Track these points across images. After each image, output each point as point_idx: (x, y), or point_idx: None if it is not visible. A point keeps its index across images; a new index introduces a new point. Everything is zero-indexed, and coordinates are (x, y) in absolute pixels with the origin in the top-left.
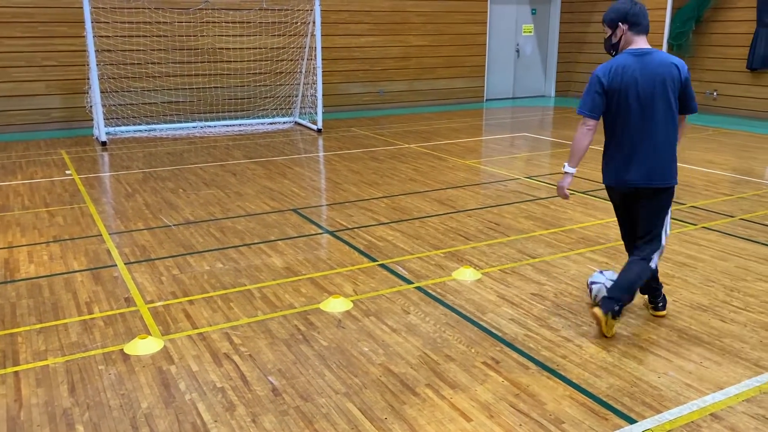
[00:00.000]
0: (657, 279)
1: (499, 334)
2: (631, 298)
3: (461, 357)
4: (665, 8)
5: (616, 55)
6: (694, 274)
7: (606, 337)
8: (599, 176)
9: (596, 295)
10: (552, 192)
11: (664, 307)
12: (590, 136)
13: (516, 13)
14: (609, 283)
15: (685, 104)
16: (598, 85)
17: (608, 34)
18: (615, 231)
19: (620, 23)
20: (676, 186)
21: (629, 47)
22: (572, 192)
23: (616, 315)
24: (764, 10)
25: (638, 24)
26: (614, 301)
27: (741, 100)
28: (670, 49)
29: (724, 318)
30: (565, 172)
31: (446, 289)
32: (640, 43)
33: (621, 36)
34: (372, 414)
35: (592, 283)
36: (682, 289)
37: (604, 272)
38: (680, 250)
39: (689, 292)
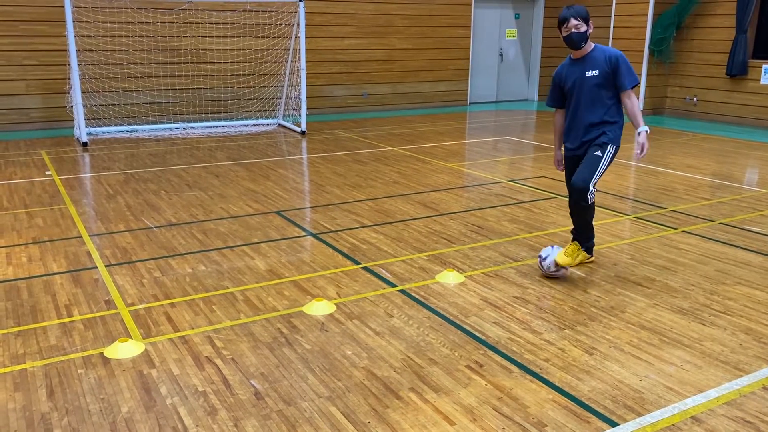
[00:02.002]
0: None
1: (483, 338)
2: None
3: (444, 360)
4: (647, 14)
5: (584, 45)
6: (674, 277)
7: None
8: None
9: (548, 267)
10: (535, 195)
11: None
12: None
13: (500, 18)
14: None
15: None
16: None
17: (583, 29)
18: (597, 234)
19: (590, 21)
20: None
21: (592, 44)
22: (554, 196)
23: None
24: (743, 17)
25: None
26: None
27: (720, 105)
28: (651, 54)
29: (704, 321)
30: (647, 131)
31: (430, 292)
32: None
33: (590, 30)
34: (355, 418)
35: (545, 257)
36: (662, 292)
37: (554, 247)
38: (661, 254)
39: (670, 296)
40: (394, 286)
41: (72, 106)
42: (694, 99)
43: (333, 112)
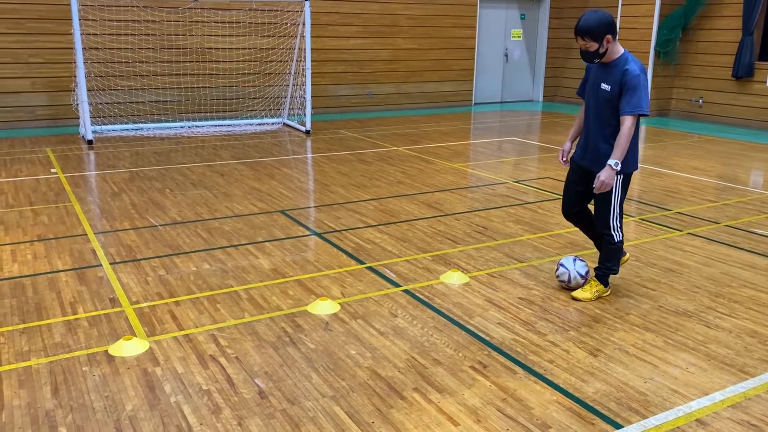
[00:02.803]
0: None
1: (487, 338)
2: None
3: (449, 361)
4: (653, 16)
5: (598, 61)
6: (679, 279)
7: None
8: None
9: (567, 281)
10: (539, 196)
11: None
12: None
13: (505, 18)
14: (575, 273)
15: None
16: (647, 86)
17: (593, 49)
18: None
19: (607, 35)
20: None
21: (621, 52)
22: (559, 197)
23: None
24: (750, 19)
25: (617, 31)
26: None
27: (726, 107)
28: (657, 56)
29: (709, 324)
30: (614, 167)
31: (434, 293)
32: (621, 47)
33: (607, 47)
34: (359, 418)
35: (564, 266)
36: (667, 294)
37: (576, 260)
38: (666, 256)
39: (675, 298)
40: (398, 286)
41: (77, 104)
42: (700, 101)
43: (338, 112)
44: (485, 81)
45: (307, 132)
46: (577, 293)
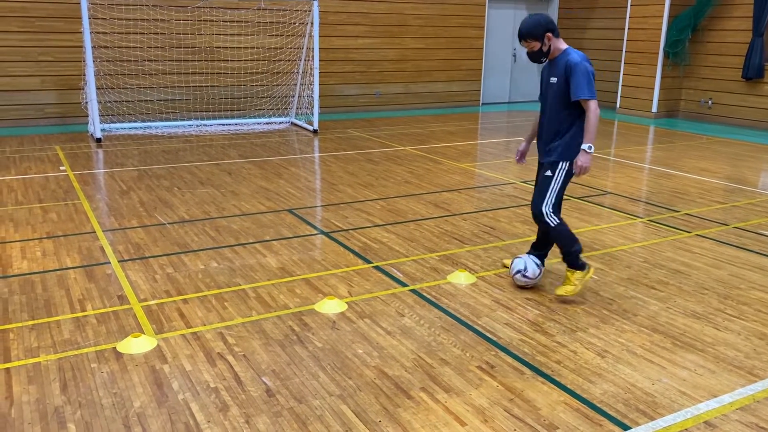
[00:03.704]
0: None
1: (494, 339)
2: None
3: (456, 361)
4: (662, 16)
5: (545, 60)
6: (688, 281)
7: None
8: (595, 182)
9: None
10: None
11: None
12: None
13: (513, 18)
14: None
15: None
16: (593, 75)
17: (537, 48)
18: (610, 237)
19: (547, 33)
20: None
21: (564, 47)
22: (566, 198)
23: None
24: (760, 20)
25: (557, 29)
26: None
27: (736, 109)
28: (666, 56)
29: (717, 326)
30: (588, 151)
31: (441, 293)
32: (564, 43)
33: (549, 44)
34: (366, 417)
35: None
36: (676, 296)
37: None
38: (674, 257)
39: (683, 300)
40: (405, 285)
41: (86, 103)
42: (709, 102)
43: (345, 111)
44: (493, 81)
45: (315, 131)
46: (559, 290)
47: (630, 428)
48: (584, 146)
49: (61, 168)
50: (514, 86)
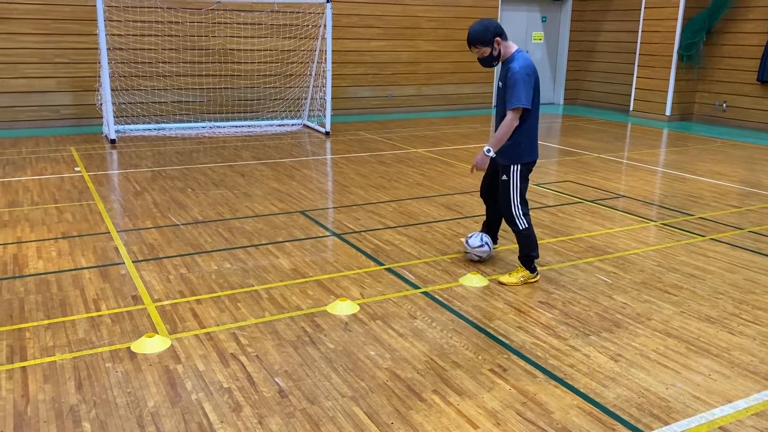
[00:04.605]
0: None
1: (507, 342)
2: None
3: (468, 364)
4: (676, 19)
5: (496, 63)
6: (702, 285)
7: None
8: (609, 185)
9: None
10: (560, 200)
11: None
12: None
13: (526, 21)
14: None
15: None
16: (533, 80)
17: (487, 53)
18: (623, 240)
19: (496, 38)
20: None
21: (513, 51)
22: (579, 200)
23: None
24: None
25: (504, 33)
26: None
27: (750, 112)
28: (680, 59)
29: (732, 331)
30: (486, 154)
31: (453, 295)
32: (513, 45)
33: (499, 48)
34: (378, 418)
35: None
36: (690, 300)
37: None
38: (688, 261)
39: (697, 304)
40: (417, 287)
41: (101, 104)
42: (724, 105)
43: (357, 113)
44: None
45: (327, 133)
46: (503, 278)
47: None
48: (486, 147)
49: (76, 169)
50: None
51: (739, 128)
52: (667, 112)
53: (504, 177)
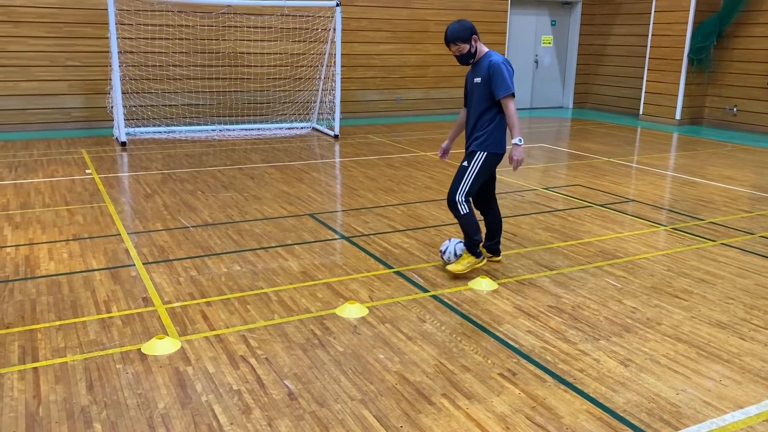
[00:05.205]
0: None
1: (516, 346)
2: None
3: (477, 367)
4: (686, 23)
5: (473, 62)
6: (712, 290)
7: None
8: (618, 189)
9: (448, 259)
10: (569, 204)
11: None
12: None
13: (535, 24)
14: (452, 248)
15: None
16: (512, 72)
17: (465, 50)
18: (633, 245)
19: (473, 36)
20: None
21: (486, 50)
22: (589, 204)
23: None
24: None
25: (478, 33)
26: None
27: (761, 116)
28: (690, 63)
29: (743, 336)
30: (519, 144)
31: (462, 299)
32: (484, 46)
33: (476, 46)
34: (387, 422)
35: (443, 251)
36: (700, 305)
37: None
38: (698, 266)
39: (708, 309)
40: (426, 291)
41: (112, 107)
42: (734, 109)
43: (366, 117)
44: (515, 87)
45: (336, 136)
46: (450, 267)
47: None
48: (515, 140)
49: (87, 171)
50: (535, 92)
51: (750, 132)
52: (677, 116)
53: (465, 163)
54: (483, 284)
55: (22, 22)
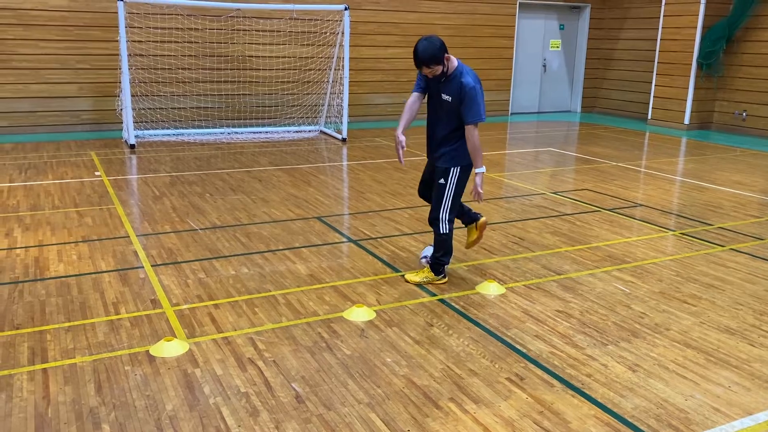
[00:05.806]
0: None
1: (524, 350)
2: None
3: (485, 372)
4: (696, 27)
5: (445, 80)
6: (722, 296)
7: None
8: (627, 194)
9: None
10: (577, 208)
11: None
12: None
13: (544, 28)
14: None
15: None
16: (483, 93)
17: (439, 71)
18: (641, 250)
19: (446, 54)
20: None
21: (456, 63)
22: (597, 209)
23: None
24: None
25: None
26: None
27: None
28: (700, 68)
29: (753, 342)
30: (480, 173)
31: (470, 303)
32: (453, 58)
33: (448, 64)
34: (395, 425)
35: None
36: (709, 311)
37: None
38: (707, 272)
39: (717, 315)
40: (434, 295)
41: (121, 109)
42: (743, 114)
43: (374, 120)
44: (523, 91)
45: (344, 140)
46: (408, 275)
47: None
48: (478, 170)
49: (96, 173)
50: (543, 96)
51: (759, 137)
52: (686, 121)
53: (442, 180)
54: (491, 288)
55: (33, 25)
